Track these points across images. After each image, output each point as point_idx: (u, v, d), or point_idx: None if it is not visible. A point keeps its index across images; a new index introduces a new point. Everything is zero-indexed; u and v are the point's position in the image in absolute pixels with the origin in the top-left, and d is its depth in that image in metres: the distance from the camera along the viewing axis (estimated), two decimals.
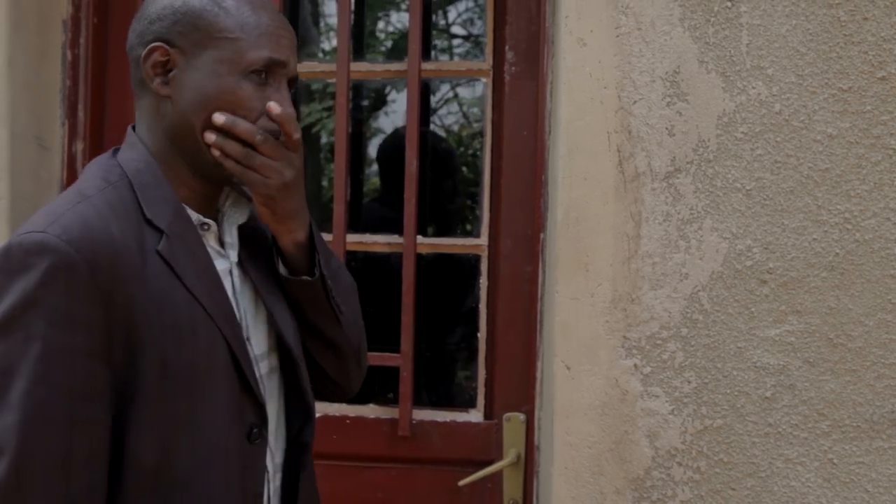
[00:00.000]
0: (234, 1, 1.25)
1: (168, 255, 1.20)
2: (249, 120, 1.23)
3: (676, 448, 1.75)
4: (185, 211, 1.25)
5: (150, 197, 1.23)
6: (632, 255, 1.75)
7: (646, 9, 1.73)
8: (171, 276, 1.20)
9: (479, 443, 2.05)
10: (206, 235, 1.28)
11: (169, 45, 1.24)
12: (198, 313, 1.21)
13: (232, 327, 1.25)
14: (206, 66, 1.23)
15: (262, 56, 1.22)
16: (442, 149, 3.55)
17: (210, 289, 1.23)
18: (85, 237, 1.13)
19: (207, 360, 1.21)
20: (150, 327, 1.17)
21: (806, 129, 1.70)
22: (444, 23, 5.52)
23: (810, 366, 1.71)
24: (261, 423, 1.28)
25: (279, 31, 1.26)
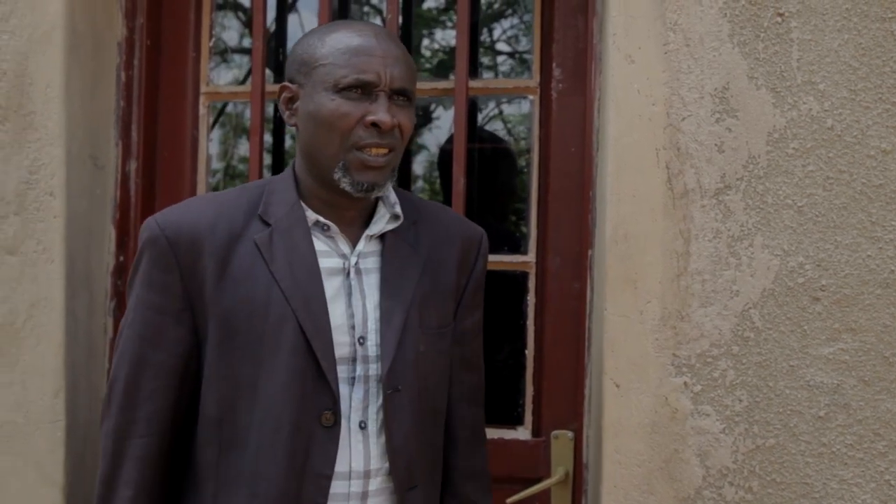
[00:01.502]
0: (338, 33, 1.44)
1: (262, 243, 1.42)
2: (345, 127, 1.40)
3: (728, 467, 1.72)
4: (300, 211, 1.46)
5: (274, 199, 1.47)
6: (681, 272, 1.74)
7: (694, 25, 1.73)
8: (260, 260, 1.42)
9: (527, 460, 2.04)
10: (327, 237, 1.46)
11: (291, 82, 1.47)
12: (274, 293, 1.40)
13: (311, 312, 1.40)
14: (311, 92, 1.43)
15: (347, 75, 1.40)
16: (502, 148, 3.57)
17: (297, 275, 1.41)
18: (174, 221, 1.43)
19: (274, 335, 1.40)
20: (223, 298, 1.40)
21: (859, 144, 1.68)
22: (489, 40, 5.54)
23: (865, 384, 1.68)
24: (334, 408, 1.40)
25: (370, 52, 1.41)
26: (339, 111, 1.40)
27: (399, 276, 1.48)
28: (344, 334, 1.44)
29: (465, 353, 1.59)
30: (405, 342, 1.46)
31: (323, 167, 1.44)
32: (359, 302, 1.46)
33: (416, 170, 4.94)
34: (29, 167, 2.01)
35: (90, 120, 2.11)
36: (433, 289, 1.51)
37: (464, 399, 1.60)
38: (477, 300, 1.61)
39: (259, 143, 2.03)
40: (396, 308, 1.46)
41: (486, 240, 1.62)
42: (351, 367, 1.44)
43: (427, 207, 1.59)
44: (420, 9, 5.29)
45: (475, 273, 1.59)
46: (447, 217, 1.61)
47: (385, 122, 1.39)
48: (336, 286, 1.45)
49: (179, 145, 2.22)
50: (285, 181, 1.50)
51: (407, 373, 1.46)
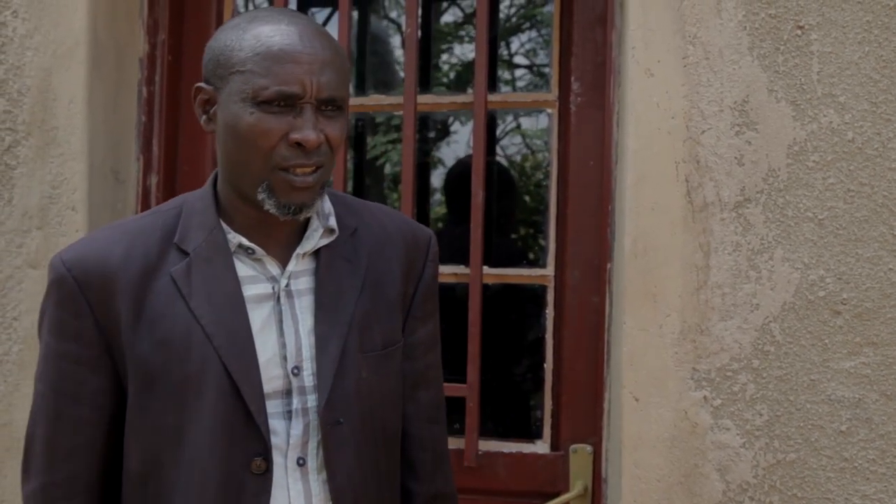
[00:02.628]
0: (258, 28, 1.25)
1: (179, 276, 1.28)
2: (266, 146, 1.23)
3: (748, 482, 1.71)
4: (221, 236, 1.30)
5: (190, 223, 1.31)
6: (701, 285, 1.73)
7: (714, 38, 1.73)
8: (177, 296, 1.27)
9: (546, 474, 2.03)
10: (253, 260, 1.31)
11: (207, 83, 1.29)
12: (195, 332, 1.26)
13: (236, 350, 1.26)
14: (228, 100, 1.25)
15: (268, 87, 1.22)
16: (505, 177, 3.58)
17: (219, 310, 1.27)
18: (81, 258, 1.28)
19: (198, 379, 1.25)
20: (139, 342, 1.26)
21: (880, 157, 1.67)
22: (507, 54, 5.55)
23: (888, 399, 1.66)
24: (265, 454, 1.26)
25: (297, 58, 1.23)
26: (258, 127, 1.22)
27: (335, 296, 1.33)
28: (276, 367, 1.29)
29: (417, 367, 1.44)
30: (344, 370, 1.31)
31: (245, 185, 1.28)
32: (291, 329, 1.31)
33: (435, 183, 4.94)
34: (51, 182, 2.03)
35: (112, 135, 2.13)
36: (375, 305, 1.36)
37: (420, 418, 1.45)
38: (428, 310, 1.46)
39: None
40: (333, 333, 1.31)
41: (434, 243, 1.47)
42: (286, 401, 1.30)
43: (368, 211, 1.44)
44: (439, 23, 5.31)
45: (424, 280, 1.44)
46: (390, 221, 1.44)
47: (310, 140, 1.22)
48: (265, 315, 1.30)
49: (200, 160, 2.23)
50: (204, 200, 1.33)
51: (348, 404, 1.31)
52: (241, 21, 1.28)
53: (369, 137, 4.92)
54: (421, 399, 1.45)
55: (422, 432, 1.45)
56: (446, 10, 5.45)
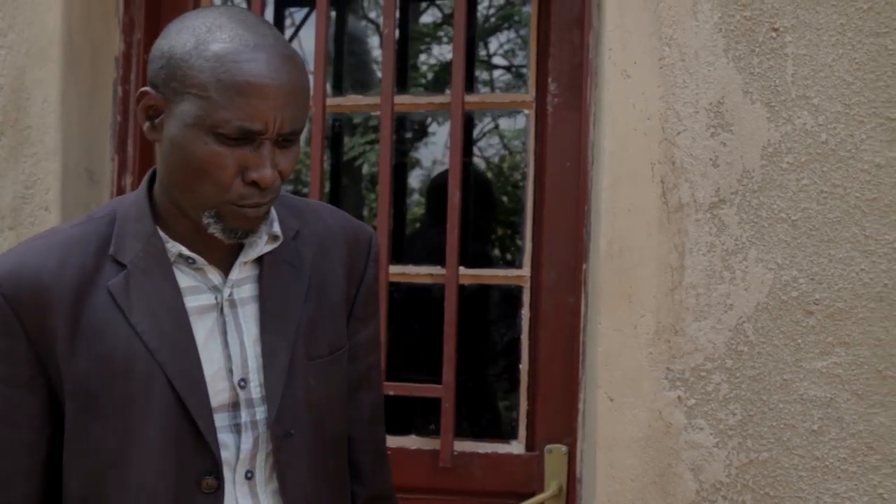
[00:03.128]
0: (218, 48, 1.14)
1: (117, 289, 1.20)
2: (221, 180, 1.16)
3: (721, 482, 1.72)
4: (159, 245, 1.23)
5: (125, 232, 1.23)
6: (675, 286, 1.74)
7: (689, 40, 1.74)
8: (116, 311, 1.20)
9: (521, 474, 2.04)
10: (194, 269, 1.25)
11: (155, 89, 1.19)
12: (137, 348, 1.19)
13: (181, 365, 1.21)
14: (181, 118, 1.16)
15: (231, 122, 1.14)
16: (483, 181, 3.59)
17: (161, 324, 1.21)
18: (12, 272, 1.19)
19: (142, 397, 1.19)
20: (78, 360, 1.19)
21: (853, 158, 1.69)
22: (485, 54, 5.56)
23: (859, 398, 1.68)
24: (216, 472, 1.22)
25: (263, 92, 1.14)
26: (213, 161, 1.15)
27: (280, 303, 1.28)
28: (222, 380, 1.24)
29: (359, 369, 1.41)
30: (293, 380, 1.27)
31: (188, 205, 1.21)
32: (236, 339, 1.26)
33: (412, 184, 4.94)
34: (24, 182, 2.02)
35: (86, 134, 2.11)
36: (320, 310, 1.32)
37: (362, 421, 1.42)
38: (370, 310, 1.41)
39: None
40: (280, 342, 1.26)
41: (376, 242, 1.43)
42: (232, 414, 1.25)
43: (311, 211, 1.38)
44: (417, 24, 5.31)
45: (366, 281, 1.39)
46: (333, 220, 1.39)
47: (267, 180, 1.16)
48: (208, 326, 1.25)
49: None
50: (139, 206, 1.25)
51: (299, 414, 1.27)
52: (199, 28, 1.17)
53: (347, 138, 4.91)
54: (362, 401, 1.42)
55: (363, 434, 1.43)
56: (425, 10, 5.46)
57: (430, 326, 2.25)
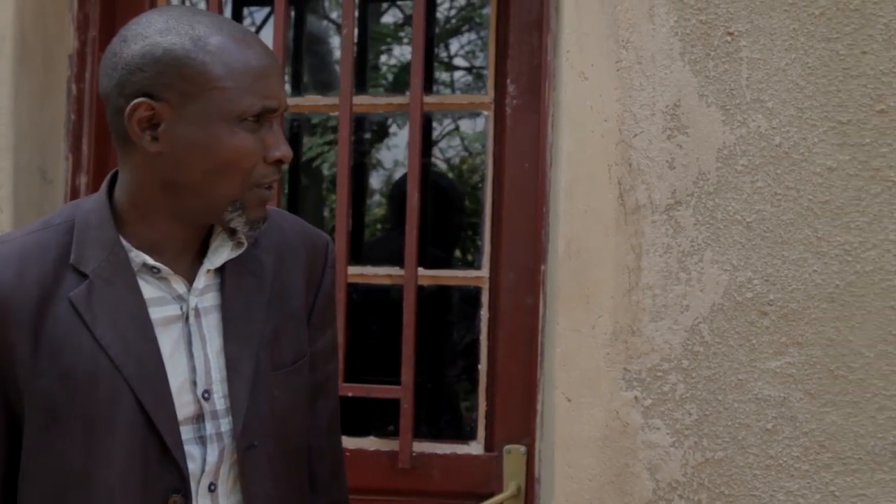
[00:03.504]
0: (217, 40, 1.16)
1: (79, 300, 1.17)
2: (250, 165, 1.18)
3: (678, 481, 1.74)
4: (123, 254, 1.20)
5: (85, 239, 1.20)
6: (632, 287, 1.75)
7: (646, 43, 1.75)
8: (79, 324, 1.16)
9: (480, 475, 2.04)
10: (159, 279, 1.23)
11: (153, 98, 1.16)
12: (102, 363, 1.16)
13: (148, 380, 1.18)
14: (199, 118, 1.16)
15: (255, 104, 1.16)
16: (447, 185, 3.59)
17: (127, 337, 1.18)
18: None
19: (107, 414, 1.16)
20: (38, 375, 1.15)
21: (806, 161, 1.71)
22: (446, 56, 5.57)
23: (811, 398, 1.70)
24: (183, 488, 1.19)
25: (268, 71, 1.18)
26: (243, 147, 1.17)
27: (243, 311, 1.26)
28: (187, 392, 1.22)
29: (317, 378, 1.39)
30: (258, 392, 1.24)
31: (205, 206, 1.20)
32: (200, 350, 1.23)
33: (373, 185, 4.93)
34: None
35: (39, 133, 2.08)
36: (283, 318, 1.30)
37: (319, 429, 1.40)
38: (328, 318, 1.40)
39: None
40: (244, 353, 1.24)
41: (332, 249, 1.42)
42: (197, 427, 1.23)
43: (269, 217, 1.35)
44: (378, 24, 5.30)
45: (323, 288, 1.38)
46: (290, 227, 1.37)
47: (289, 154, 1.21)
48: (174, 338, 1.22)
49: None
50: (99, 213, 1.21)
51: (263, 425, 1.25)
52: (181, 27, 1.17)
53: (306, 139, 4.89)
54: (320, 410, 1.40)
55: (321, 443, 1.41)
56: (385, 11, 5.45)
57: (389, 327, 2.24)
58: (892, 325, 1.68)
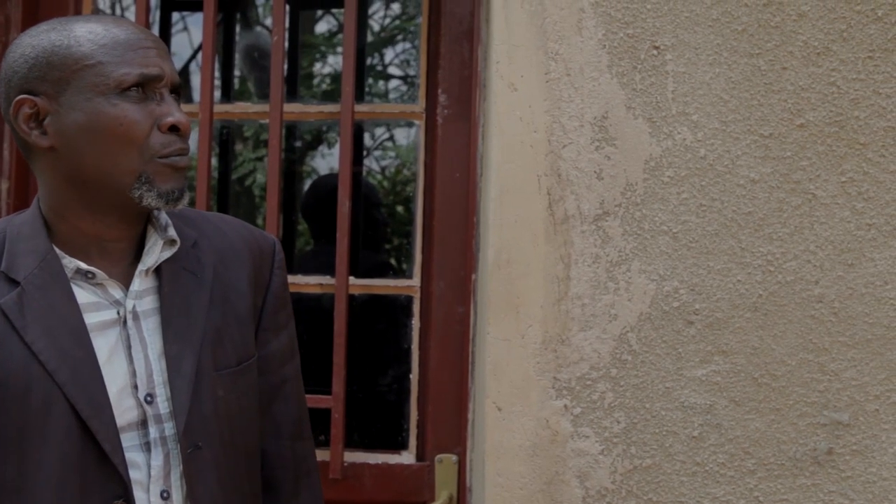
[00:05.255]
0: (83, 26, 1.19)
1: (11, 308, 1.16)
2: (140, 135, 1.17)
3: (606, 488, 1.76)
4: (56, 261, 1.19)
5: (18, 250, 1.20)
6: (562, 296, 1.77)
7: (574, 55, 1.77)
8: (9, 331, 1.15)
9: (412, 484, 2.03)
10: (94, 285, 1.22)
11: (32, 94, 1.18)
12: (34, 370, 1.14)
13: (82, 385, 1.16)
14: (77, 100, 1.17)
15: (130, 73, 1.17)
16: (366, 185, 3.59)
17: (59, 342, 1.16)
18: None
19: (41, 422, 1.14)
20: None
21: (729, 173, 1.75)
22: (379, 65, 5.56)
23: (736, 405, 1.74)
24: (126, 495, 1.17)
25: (141, 43, 1.19)
26: (127, 118, 1.16)
27: (183, 312, 1.25)
28: (128, 397, 1.20)
29: (272, 381, 1.37)
30: (200, 391, 1.23)
31: (111, 189, 1.19)
32: (140, 354, 1.22)
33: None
34: None
35: None
36: (225, 319, 1.28)
37: (278, 435, 1.39)
38: (280, 320, 1.39)
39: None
40: (185, 352, 1.23)
41: (280, 250, 1.40)
42: (143, 433, 1.21)
43: (207, 221, 1.36)
44: (310, 33, 5.28)
45: (272, 289, 1.37)
46: (231, 230, 1.36)
47: (184, 122, 1.19)
48: (111, 342, 1.20)
49: None
50: (32, 225, 1.22)
51: (207, 426, 1.23)
52: (55, 25, 1.20)
53: (238, 149, 4.84)
54: (277, 414, 1.38)
55: (281, 450, 1.39)
56: (319, 19, 5.42)
57: (320, 337, 2.23)
58: (812, 334, 1.72)
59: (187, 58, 5.04)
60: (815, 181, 1.73)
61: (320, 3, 4.72)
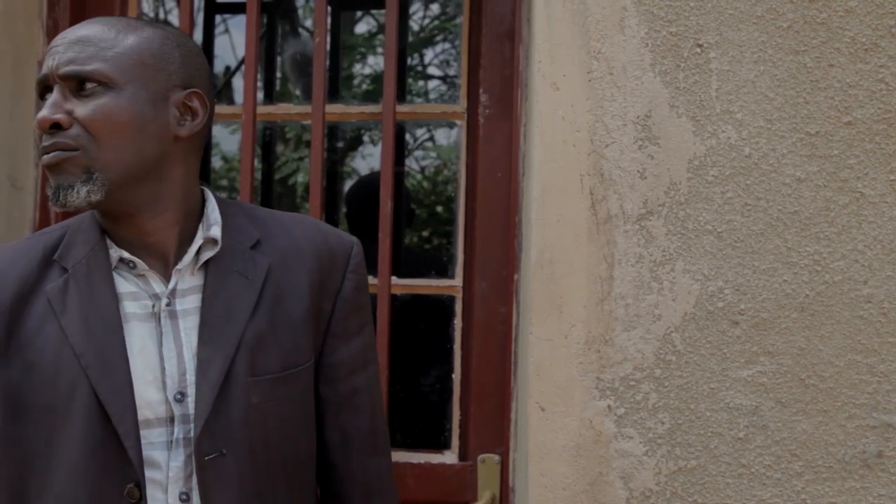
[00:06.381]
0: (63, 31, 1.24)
1: (54, 294, 1.20)
2: (39, 142, 1.20)
3: (651, 489, 1.74)
4: (103, 251, 1.22)
5: (74, 241, 1.24)
6: (605, 296, 1.76)
7: (617, 54, 1.76)
8: (50, 315, 1.20)
9: (454, 484, 2.04)
10: (136, 276, 1.24)
11: None
12: (65, 353, 1.18)
13: (106, 370, 1.18)
14: None
15: (38, 76, 1.22)
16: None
17: (91, 327, 1.19)
18: None
19: (67, 404, 1.17)
20: (11, 367, 1.19)
21: (775, 172, 1.73)
22: (420, 65, 5.57)
23: (782, 406, 1.72)
24: (138, 481, 1.18)
25: (56, 43, 1.20)
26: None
27: (223, 315, 1.23)
28: (155, 392, 1.20)
29: (340, 391, 1.33)
30: (229, 396, 1.21)
31: None
32: (172, 351, 1.22)
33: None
34: None
35: (9, 140, 2.06)
36: (273, 324, 1.25)
37: (346, 448, 1.34)
38: (350, 327, 1.34)
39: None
40: (216, 356, 1.21)
41: (358, 253, 1.35)
42: (169, 430, 1.21)
43: (277, 222, 1.33)
44: (350, 34, 5.30)
45: (343, 294, 1.32)
46: (302, 231, 1.33)
47: (41, 120, 1.17)
48: (145, 334, 1.21)
49: None
50: (89, 218, 1.26)
51: (233, 433, 1.21)
52: None
53: (280, 149, 4.88)
54: (346, 426, 1.34)
55: (349, 464, 1.34)
56: (359, 20, 5.45)
57: None
58: (860, 335, 1.70)
59: (229, 61, 5.09)
60: (863, 179, 1.70)
61: (360, 3, 4.73)
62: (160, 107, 1.22)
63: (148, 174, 1.22)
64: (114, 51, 1.19)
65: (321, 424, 1.34)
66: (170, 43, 1.24)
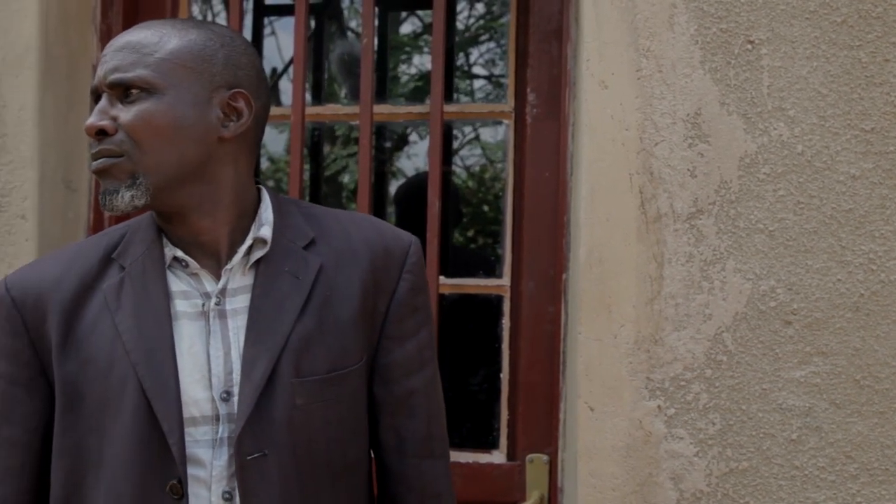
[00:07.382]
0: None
1: (110, 290, 1.24)
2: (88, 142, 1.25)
3: (702, 491, 1.73)
4: (158, 250, 1.25)
5: (133, 239, 1.28)
6: (655, 296, 1.75)
7: (666, 52, 1.75)
8: (106, 311, 1.23)
9: (502, 484, 2.03)
10: (189, 275, 1.25)
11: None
12: (117, 348, 1.21)
13: (153, 366, 1.20)
14: None
15: (92, 84, 1.24)
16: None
17: (142, 324, 1.21)
18: (23, 278, 1.27)
19: (118, 399, 1.20)
20: (68, 361, 1.23)
21: (829, 169, 1.70)
22: (466, 65, 5.57)
23: (837, 408, 1.69)
24: (185, 479, 1.19)
25: (110, 49, 1.22)
26: None
27: (270, 315, 1.23)
28: (202, 390, 1.21)
29: (395, 393, 1.30)
30: (273, 397, 1.20)
31: None
32: (219, 350, 1.22)
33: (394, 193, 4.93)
34: (0, 190, 2.00)
35: (63, 143, 2.10)
36: (321, 325, 1.24)
37: (402, 451, 1.32)
38: (406, 328, 1.31)
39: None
40: (261, 357, 1.21)
41: (415, 252, 1.32)
42: (214, 428, 1.21)
43: (334, 220, 1.32)
44: (396, 34, 5.32)
45: (399, 295, 1.30)
46: (357, 231, 1.31)
47: (88, 126, 1.20)
48: (195, 332, 1.23)
49: None
50: (150, 217, 1.29)
51: (276, 433, 1.20)
52: None
53: (328, 148, 4.91)
54: (401, 429, 1.31)
55: (404, 468, 1.32)
56: (405, 20, 5.46)
57: None
58: None
59: (276, 62, 5.13)
60: None
61: (407, 4, 4.74)
62: (203, 109, 1.22)
63: (192, 176, 1.22)
64: (155, 56, 1.20)
65: (376, 426, 1.32)
66: (213, 44, 1.23)
